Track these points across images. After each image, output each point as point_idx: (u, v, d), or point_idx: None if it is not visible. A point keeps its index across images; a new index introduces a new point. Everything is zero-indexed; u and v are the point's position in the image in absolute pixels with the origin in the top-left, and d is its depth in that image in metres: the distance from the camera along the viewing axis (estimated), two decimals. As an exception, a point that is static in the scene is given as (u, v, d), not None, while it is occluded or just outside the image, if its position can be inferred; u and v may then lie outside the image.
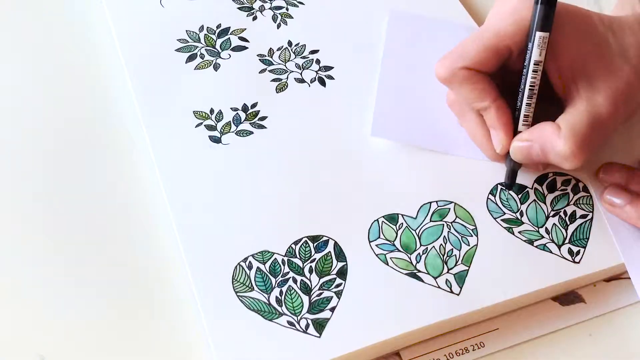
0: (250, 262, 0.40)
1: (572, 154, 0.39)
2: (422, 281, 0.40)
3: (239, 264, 0.40)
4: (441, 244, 0.42)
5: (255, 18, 0.53)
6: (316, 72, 0.49)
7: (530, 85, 0.41)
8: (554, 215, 0.43)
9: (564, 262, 0.41)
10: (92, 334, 0.39)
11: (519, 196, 0.44)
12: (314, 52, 0.50)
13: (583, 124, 0.39)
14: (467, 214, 0.43)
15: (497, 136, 0.42)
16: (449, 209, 0.43)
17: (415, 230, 0.42)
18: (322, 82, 0.49)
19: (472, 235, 0.42)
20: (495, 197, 0.44)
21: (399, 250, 0.41)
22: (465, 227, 0.42)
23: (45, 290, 0.40)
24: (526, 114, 0.42)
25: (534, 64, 0.40)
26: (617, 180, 0.44)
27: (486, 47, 0.41)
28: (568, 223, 0.43)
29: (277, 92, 0.48)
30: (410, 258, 0.41)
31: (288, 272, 0.40)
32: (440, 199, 0.43)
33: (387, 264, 0.41)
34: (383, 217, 0.42)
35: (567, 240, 0.42)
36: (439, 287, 0.40)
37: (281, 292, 0.39)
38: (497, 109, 0.41)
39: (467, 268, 0.41)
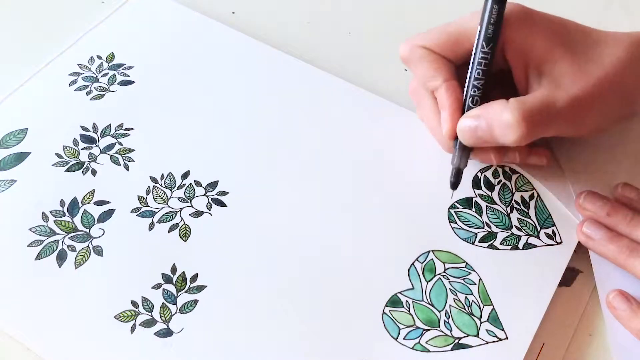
0: None
1: (517, 123, 0.38)
2: (470, 346, 0.38)
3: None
4: (454, 298, 0.39)
5: (94, 172, 0.44)
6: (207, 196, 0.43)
7: (477, 64, 0.40)
8: (512, 210, 0.43)
9: (552, 248, 0.41)
10: None
11: (473, 210, 0.43)
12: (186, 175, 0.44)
13: (534, 101, 0.38)
14: (449, 254, 0.41)
15: (443, 116, 0.41)
16: (432, 259, 0.41)
17: (423, 300, 0.39)
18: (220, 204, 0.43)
19: (469, 272, 0.40)
20: (457, 223, 0.42)
21: (427, 329, 0.38)
22: (457, 268, 0.40)
23: None
24: (472, 94, 0.41)
25: (475, 53, 0.40)
26: (597, 209, 0.42)
27: (447, 32, 0.41)
28: (526, 210, 0.43)
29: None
30: (442, 330, 0.38)
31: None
32: (418, 254, 0.41)
33: (429, 351, 0.38)
34: (387, 306, 0.39)
35: (539, 227, 0.42)
36: (487, 342, 0.38)
37: None
38: (447, 88, 0.41)
39: (492, 306, 0.39)
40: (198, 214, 0.42)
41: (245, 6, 0.56)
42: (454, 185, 0.42)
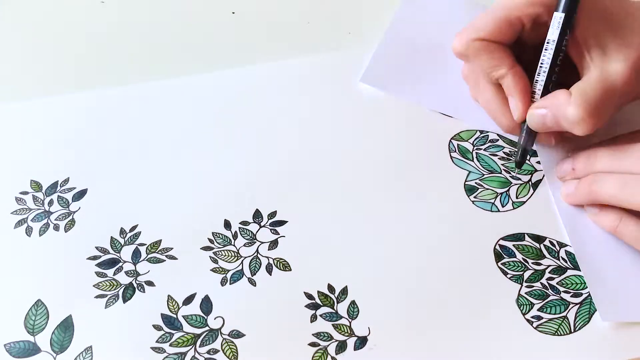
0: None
1: (582, 119, 0.40)
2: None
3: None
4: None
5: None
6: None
7: (541, 62, 0.42)
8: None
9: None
10: None
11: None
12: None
13: (593, 90, 0.40)
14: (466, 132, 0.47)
15: (514, 102, 0.43)
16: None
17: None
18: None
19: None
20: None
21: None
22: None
23: None
24: (540, 88, 0.42)
25: (547, 42, 0.42)
26: (565, 170, 0.44)
27: (498, 19, 0.42)
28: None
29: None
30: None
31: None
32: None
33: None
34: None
35: None
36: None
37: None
38: (514, 75, 0.43)
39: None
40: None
41: (245, 6, 0.56)
42: (520, 164, 0.44)
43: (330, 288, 0.40)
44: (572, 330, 0.38)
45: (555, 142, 0.44)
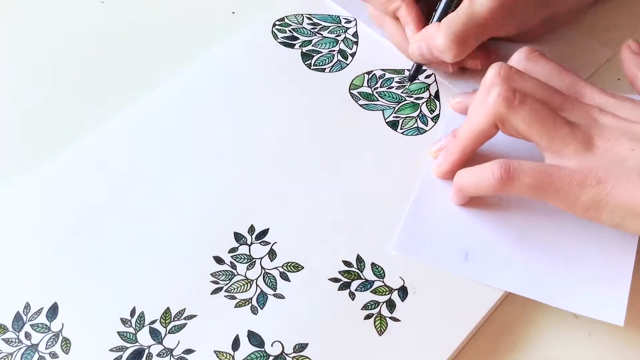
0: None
1: (447, 47, 0.44)
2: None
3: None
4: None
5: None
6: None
7: None
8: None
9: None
10: None
11: None
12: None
13: (459, 20, 0.45)
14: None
15: (409, 31, 0.48)
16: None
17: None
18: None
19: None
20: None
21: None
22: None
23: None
24: (437, 17, 0.47)
25: None
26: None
27: None
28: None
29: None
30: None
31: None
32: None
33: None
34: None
35: None
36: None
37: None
38: (406, 5, 0.47)
39: None
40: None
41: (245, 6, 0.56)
42: (412, 78, 0.49)
43: (348, 263, 0.42)
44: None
45: (452, 69, 0.49)
